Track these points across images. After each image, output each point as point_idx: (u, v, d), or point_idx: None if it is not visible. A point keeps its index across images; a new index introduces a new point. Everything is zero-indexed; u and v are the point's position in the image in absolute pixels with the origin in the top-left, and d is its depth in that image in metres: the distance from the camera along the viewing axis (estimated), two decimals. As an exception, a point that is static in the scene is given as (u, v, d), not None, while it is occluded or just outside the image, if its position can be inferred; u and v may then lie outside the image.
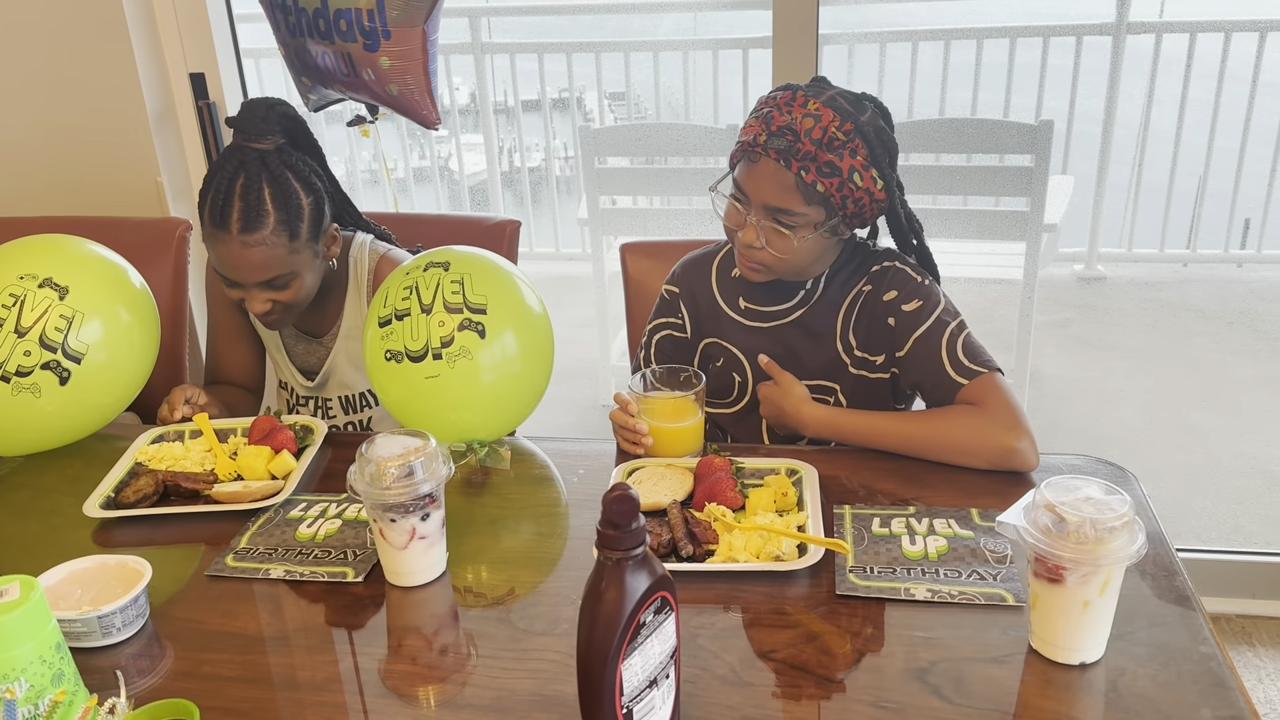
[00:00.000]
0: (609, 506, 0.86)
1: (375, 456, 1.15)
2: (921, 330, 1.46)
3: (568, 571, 1.23)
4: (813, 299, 1.54)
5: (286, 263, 1.57)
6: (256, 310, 1.61)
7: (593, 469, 1.44)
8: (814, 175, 1.37)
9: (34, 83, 2.26)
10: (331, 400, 1.80)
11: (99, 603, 1.11)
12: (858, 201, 1.41)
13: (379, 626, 1.15)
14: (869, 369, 1.53)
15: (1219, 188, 3.79)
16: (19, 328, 1.44)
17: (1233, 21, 3.61)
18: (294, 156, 1.60)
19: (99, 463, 1.47)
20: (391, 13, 1.73)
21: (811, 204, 1.40)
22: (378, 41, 1.76)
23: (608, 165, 3.37)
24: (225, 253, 1.55)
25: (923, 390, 1.50)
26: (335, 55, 1.85)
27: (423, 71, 1.79)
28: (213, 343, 1.86)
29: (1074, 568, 0.98)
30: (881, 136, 1.41)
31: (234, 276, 1.58)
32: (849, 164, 1.38)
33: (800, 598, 1.14)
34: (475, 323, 1.38)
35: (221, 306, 1.83)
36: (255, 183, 1.54)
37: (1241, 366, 3.47)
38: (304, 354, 1.80)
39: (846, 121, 1.38)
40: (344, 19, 1.76)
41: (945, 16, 4.23)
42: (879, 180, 1.41)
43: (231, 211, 1.53)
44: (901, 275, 1.50)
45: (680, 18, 4.32)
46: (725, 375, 1.60)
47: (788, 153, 1.37)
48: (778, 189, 1.40)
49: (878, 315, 1.50)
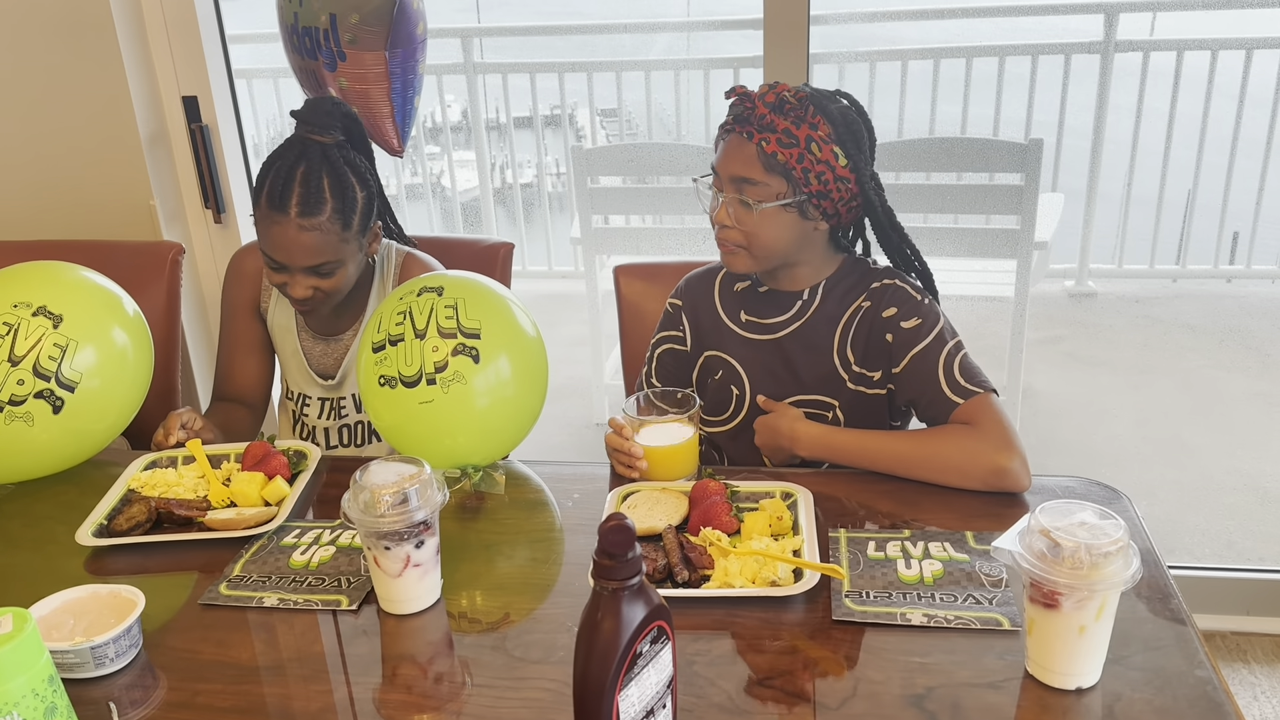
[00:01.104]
0: (605, 536, 0.86)
1: (369, 484, 1.15)
2: (919, 348, 1.47)
3: (563, 598, 1.23)
4: (809, 310, 1.55)
5: (336, 250, 1.62)
6: (298, 295, 1.64)
7: (588, 493, 1.44)
8: (774, 146, 1.42)
9: (26, 105, 2.26)
10: (346, 399, 1.82)
11: (91, 633, 1.10)
12: (820, 177, 1.43)
13: (373, 655, 1.15)
14: (866, 385, 1.53)
15: (1208, 202, 3.81)
16: (12, 356, 1.44)
17: (1219, 40, 3.64)
18: (352, 153, 1.67)
19: (92, 489, 1.47)
20: (344, 35, 1.74)
21: (772, 173, 1.43)
22: (335, 62, 1.77)
23: (600, 185, 3.38)
24: (280, 235, 1.60)
25: (917, 407, 1.50)
26: (310, 72, 1.86)
27: (384, 97, 1.78)
28: (225, 354, 1.87)
29: (1069, 593, 0.98)
30: (847, 119, 1.45)
31: (283, 259, 1.62)
32: (807, 133, 1.42)
33: (797, 623, 1.14)
34: (469, 347, 1.38)
35: (238, 317, 1.85)
36: (316, 171, 1.60)
37: (1233, 382, 3.48)
38: (321, 355, 1.82)
39: (801, 92, 1.44)
40: (309, 36, 1.78)
41: (935, 35, 4.26)
42: (842, 158, 1.44)
43: (291, 195, 1.58)
44: (902, 292, 1.51)
45: (673, 37, 4.35)
46: (723, 389, 1.60)
47: (746, 121, 1.43)
48: (740, 160, 1.45)
49: (876, 331, 1.51)
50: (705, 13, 5.22)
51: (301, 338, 1.82)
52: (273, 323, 1.84)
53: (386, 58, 1.73)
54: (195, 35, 2.26)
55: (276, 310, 1.83)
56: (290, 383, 1.87)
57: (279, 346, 1.86)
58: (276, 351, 1.87)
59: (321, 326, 1.82)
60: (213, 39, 2.30)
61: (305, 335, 1.82)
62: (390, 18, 1.69)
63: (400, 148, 1.84)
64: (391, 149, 1.85)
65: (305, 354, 1.83)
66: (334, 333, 1.81)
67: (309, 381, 1.83)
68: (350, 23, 1.71)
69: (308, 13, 1.75)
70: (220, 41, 2.33)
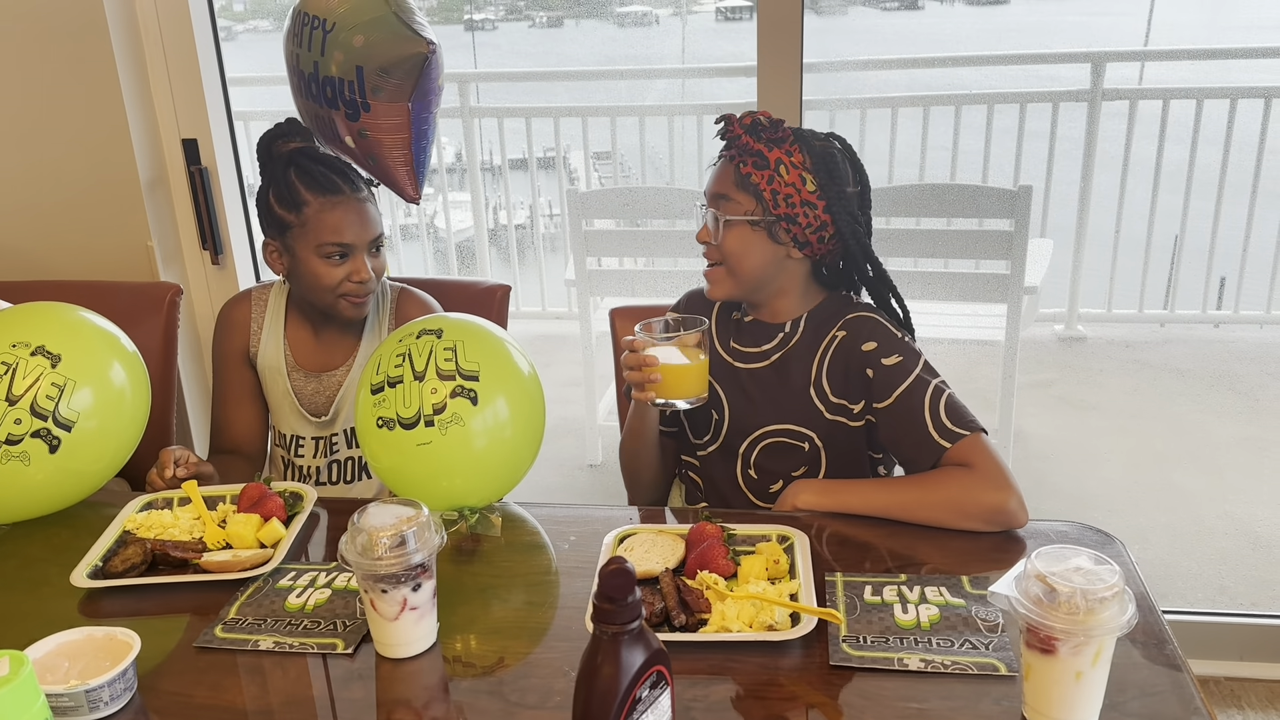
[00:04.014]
0: (605, 580, 0.86)
1: (367, 526, 1.15)
2: (903, 388, 1.48)
3: (559, 642, 1.23)
4: (790, 343, 1.59)
5: (381, 222, 1.74)
6: (364, 276, 1.71)
7: (584, 535, 1.44)
8: (748, 167, 1.50)
9: (28, 145, 2.27)
10: (338, 436, 1.83)
11: (86, 676, 1.10)
12: (788, 200, 1.49)
13: (368, 700, 1.14)
14: (846, 415, 1.56)
15: (1195, 247, 3.86)
16: (10, 395, 1.44)
17: (1205, 89, 3.71)
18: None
19: (87, 531, 1.46)
20: (374, 90, 1.76)
21: (743, 191, 1.51)
22: (357, 112, 1.79)
23: (595, 227, 3.41)
24: (345, 213, 1.69)
25: (899, 449, 1.51)
26: (324, 119, 1.88)
27: (405, 146, 1.81)
28: (219, 406, 1.87)
29: (1066, 638, 0.99)
30: (827, 153, 1.52)
31: (353, 237, 1.69)
32: (778, 156, 1.49)
33: (794, 668, 1.14)
34: (468, 389, 1.39)
35: (229, 366, 1.86)
36: (325, 159, 1.72)
37: (1222, 427, 3.50)
38: (313, 394, 1.83)
39: (781, 121, 1.52)
40: (329, 86, 1.80)
41: (925, 84, 4.33)
42: (810, 183, 1.50)
43: (333, 176, 1.69)
44: (881, 328, 1.53)
45: (669, 83, 4.41)
46: (703, 412, 1.64)
47: (730, 145, 1.52)
48: (721, 179, 1.54)
49: (854, 365, 1.53)
50: (699, 59, 5.29)
51: (292, 378, 1.83)
52: (263, 366, 1.85)
53: (409, 109, 1.76)
54: (196, 78, 2.29)
55: (266, 352, 1.84)
56: (282, 425, 1.87)
57: (269, 390, 1.86)
58: (267, 396, 1.87)
59: (314, 363, 1.83)
60: (213, 82, 2.33)
61: (296, 375, 1.83)
62: (419, 72, 1.73)
63: (417, 195, 1.86)
64: (408, 196, 1.87)
65: (296, 393, 1.83)
66: (326, 368, 1.83)
67: (301, 421, 1.83)
68: (376, 76, 1.74)
69: (329, 63, 1.77)
70: (221, 85, 2.35)
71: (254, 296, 1.88)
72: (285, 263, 1.75)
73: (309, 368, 1.83)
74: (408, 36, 1.75)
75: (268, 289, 1.88)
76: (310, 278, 1.72)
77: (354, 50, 1.75)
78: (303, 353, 1.84)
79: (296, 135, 1.78)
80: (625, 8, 7.07)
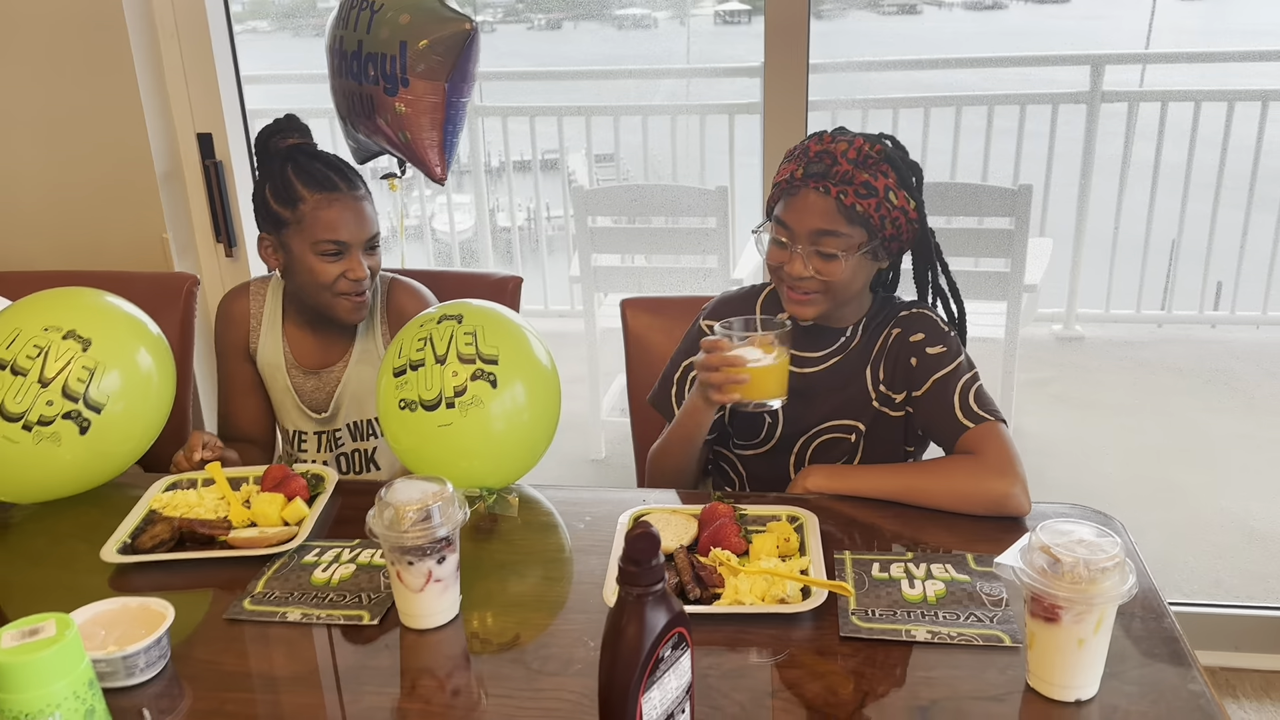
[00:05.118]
0: (631, 543, 0.90)
1: (394, 500, 1.19)
2: (941, 374, 1.53)
3: (577, 614, 1.26)
4: (850, 346, 1.61)
5: (378, 221, 1.73)
6: (360, 275, 1.70)
7: (598, 516, 1.48)
8: (852, 198, 1.47)
9: (47, 140, 2.32)
10: (341, 430, 1.85)
11: (123, 643, 1.13)
12: (895, 222, 1.50)
13: (394, 668, 1.18)
14: (889, 406, 1.60)
15: (1192, 249, 3.90)
16: (42, 378, 1.48)
17: (1203, 91, 3.76)
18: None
19: (113, 510, 1.50)
20: (415, 65, 1.82)
21: (853, 224, 1.49)
22: (396, 87, 1.85)
23: (599, 224, 3.45)
24: (341, 210, 1.68)
25: (930, 431, 1.57)
26: (361, 96, 1.94)
27: (437, 126, 1.86)
28: (224, 398, 1.89)
29: (1069, 606, 1.03)
30: (906, 160, 1.52)
31: (349, 235, 1.69)
32: (883, 183, 1.48)
33: (805, 639, 1.18)
34: (487, 373, 1.43)
35: (230, 359, 1.88)
36: (322, 156, 1.71)
37: (1219, 424, 3.55)
38: (312, 391, 1.84)
39: (876, 144, 1.49)
40: (372, 63, 1.86)
41: (925, 86, 4.37)
42: (911, 200, 1.51)
43: (330, 174, 1.68)
44: (930, 321, 1.58)
45: (674, 83, 4.46)
46: (757, 416, 1.64)
47: (825, 177, 1.47)
48: (820, 214, 1.48)
49: (903, 355, 1.58)
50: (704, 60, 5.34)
51: (291, 374, 1.84)
52: (262, 362, 1.86)
53: (445, 88, 1.81)
54: (211, 75, 2.33)
55: (265, 349, 1.85)
56: (284, 421, 1.89)
57: (270, 386, 1.88)
58: (269, 392, 1.89)
59: (312, 359, 1.84)
60: (228, 79, 2.37)
61: (295, 371, 1.84)
62: (459, 51, 1.78)
63: (443, 175, 1.91)
64: (434, 176, 1.93)
65: (296, 390, 1.85)
66: (324, 365, 1.83)
67: (302, 417, 1.86)
68: (419, 49, 1.80)
69: (374, 40, 1.84)
70: (235, 81, 2.39)
71: (252, 291, 1.88)
72: (280, 258, 1.75)
73: (308, 365, 1.84)
74: (450, 16, 1.85)
75: (265, 284, 1.88)
76: (306, 274, 1.72)
77: (399, 27, 1.84)
78: (301, 350, 1.84)
79: (295, 131, 1.77)
80: (624, 10, 7.11)
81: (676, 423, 1.62)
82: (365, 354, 1.82)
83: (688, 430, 1.59)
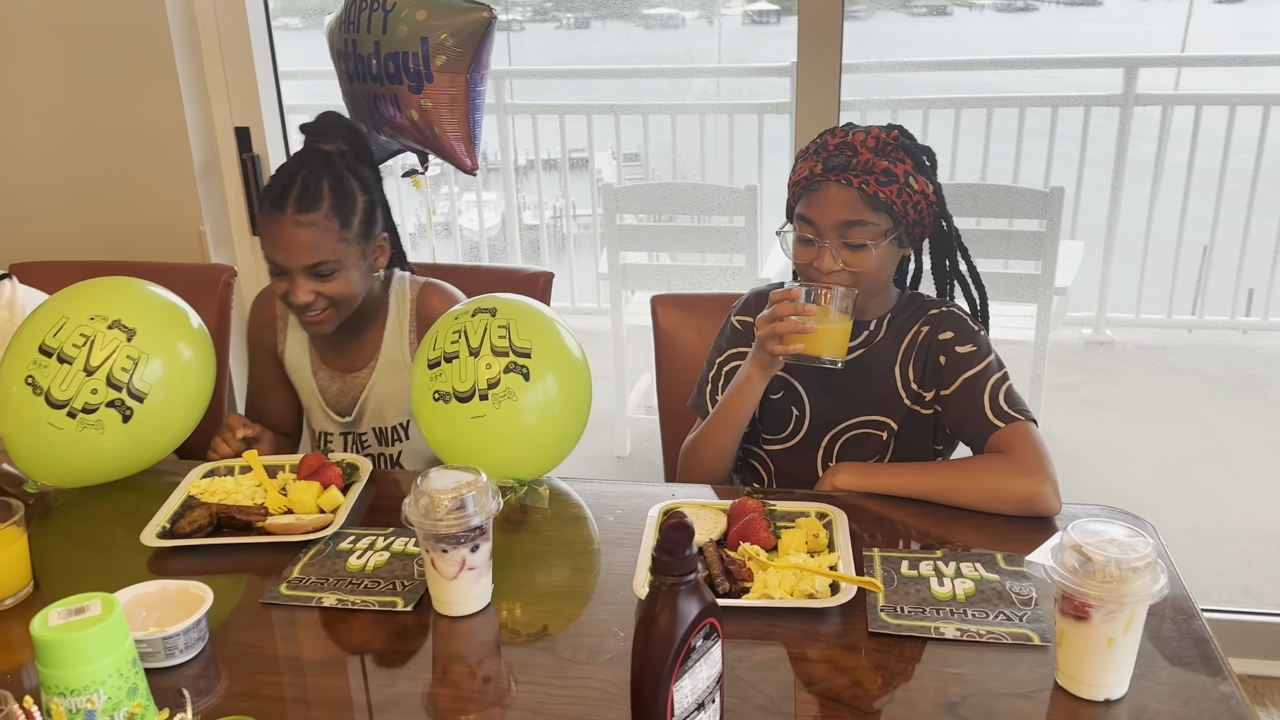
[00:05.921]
0: (666, 534, 0.91)
1: (430, 489, 1.21)
2: (971, 373, 1.54)
3: (607, 605, 1.28)
4: (875, 340, 1.62)
5: (335, 250, 1.63)
6: (300, 300, 1.64)
7: (627, 510, 1.50)
8: (874, 186, 1.49)
9: (88, 134, 2.36)
10: (366, 434, 1.86)
11: (163, 625, 1.16)
12: (916, 206, 1.52)
13: (426, 654, 1.20)
14: (920, 404, 1.60)
15: (1224, 254, 3.87)
16: (88, 366, 1.50)
17: (1239, 95, 3.72)
18: (356, 162, 1.71)
19: (151, 496, 1.53)
20: (436, 59, 1.84)
21: (878, 212, 1.51)
22: (421, 84, 1.86)
23: (628, 222, 3.46)
24: (278, 233, 1.63)
25: (959, 430, 1.57)
26: (384, 98, 1.95)
27: (463, 118, 1.88)
28: (252, 392, 1.92)
29: (1100, 605, 1.03)
30: (918, 145, 1.55)
31: (283, 259, 1.64)
32: (902, 169, 1.50)
33: (834, 634, 1.19)
34: (520, 366, 1.45)
35: (259, 358, 1.90)
36: (317, 172, 1.64)
37: (1249, 430, 3.51)
38: (338, 394, 1.85)
39: (892, 131, 1.52)
40: (393, 62, 1.87)
41: (955, 87, 4.36)
42: (929, 183, 1.54)
43: (290, 193, 1.62)
44: (959, 319, 1.59)
45: (705, 82, 4.47)
46: (783, 408, 1.66)
47: (846, 169, 1.49)
48: (845, 206, 1.50)
49: (933, 353, 1.58)
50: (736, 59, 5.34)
51: (318, 376, 1.85)
52: (289, 364, 1.87)
53: (468, 80, 1.83)
54: (250, 70, 2.36)
55: (292, 351, 1.86)
56: (312, 422, 1.91)
57: (298, 387, 1.89)
58: (297, 391, 1.90)
59: (338, 363, 1.84)
60: (266, 74, 2.40)
61: (322, 374, 1.85)
62: (479, 41, 1.80)
63: (474, 166, 1.93)
64: (464, 167, 1.94)
65: (322, 393, 1.85)
66: (350, 369, 1.83)
67: (327, 420, 1.87)
68: (440, 43, 1.81)
69: (392, 39, 1.85)
70: (273, 76, 2.43)
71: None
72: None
73: (334, 368, 1.84)
74: (467, 6, 1.86)
75: None
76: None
77: (417, 24, 1.84)
78: (327, 353, 1.84)
79: (340, 137, 1.73)
80: (652, 9, 7.11)
81: (723, 402, 1.61)
82: (391, 361, 1.81)
83: (734, 408, 1.59)
